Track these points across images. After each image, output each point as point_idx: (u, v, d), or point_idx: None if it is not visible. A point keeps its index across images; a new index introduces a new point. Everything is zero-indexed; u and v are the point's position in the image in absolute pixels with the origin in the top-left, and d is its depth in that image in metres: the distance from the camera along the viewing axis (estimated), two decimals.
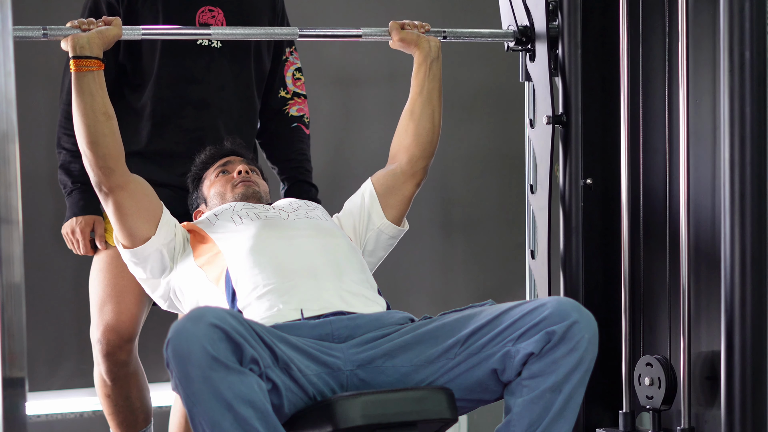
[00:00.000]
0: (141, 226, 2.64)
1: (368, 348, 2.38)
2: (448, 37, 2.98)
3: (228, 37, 2.90)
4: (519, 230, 3.50)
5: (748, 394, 2.49)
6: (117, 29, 2.69)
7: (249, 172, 2.88)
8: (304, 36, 2.93)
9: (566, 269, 2.95)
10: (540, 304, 2.32)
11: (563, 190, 2.96)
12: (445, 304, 4.29)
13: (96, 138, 2.59)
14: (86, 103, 2.60)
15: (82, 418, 3.91)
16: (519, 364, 2.30)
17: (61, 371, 3.91)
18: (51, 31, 2.67)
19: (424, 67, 2.88)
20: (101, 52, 2.65)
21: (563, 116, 2.95)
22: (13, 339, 1.73)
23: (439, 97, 2.89)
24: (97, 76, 2.61)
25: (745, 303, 2.49)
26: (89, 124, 2.59)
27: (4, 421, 1.72)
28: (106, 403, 3.13)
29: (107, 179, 2.61)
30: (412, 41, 2.89)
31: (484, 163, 4.41)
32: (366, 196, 2.84)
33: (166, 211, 2.70)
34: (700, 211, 2.69)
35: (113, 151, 2.61)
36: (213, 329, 2.10)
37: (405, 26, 2.91)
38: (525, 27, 3.02)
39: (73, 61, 2.62)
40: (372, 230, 2.82)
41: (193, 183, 2.96)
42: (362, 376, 2.35)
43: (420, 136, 2.86)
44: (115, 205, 2.62)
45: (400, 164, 2.86)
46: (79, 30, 2.66)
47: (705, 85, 2.68)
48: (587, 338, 2.29)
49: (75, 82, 2.61)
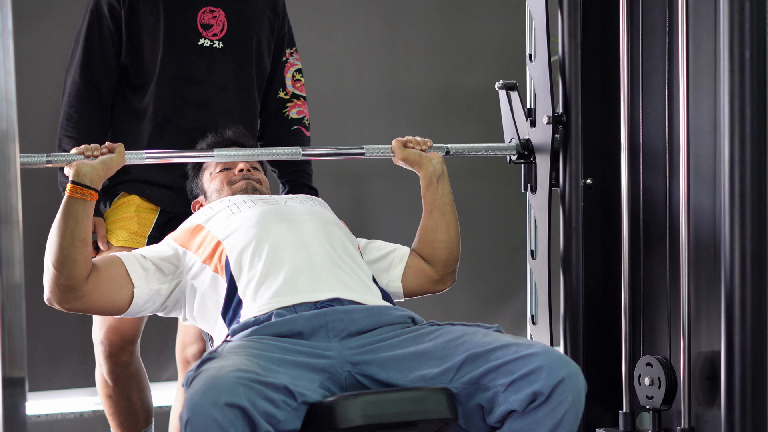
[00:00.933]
0: (117, 300, 2.61)
1: (364, 351, 2.37)
2: (451, 152, 2.97)
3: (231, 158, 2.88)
4: (519, 230, 3.50)
5: (748, 394, 2.49)
6: (120, 157, 2.68)
7: (250, 170, 2.88)
8: (308, 155, 2.94)
9: (566, 269, 2.95)
10: (532, 353, 2.30)
11: (563, 190, 2.96)
12: (445, 304, 4.28)
13: (66, 261, 2.55)
14: (68, 227, 2.56)
15: (82, 418, 3.92)
16: (502, 414, 2.30)
17: (61, 371, 3.91)
18: (55, 157, 2.66)
19: (431, 187, 2.86)
20: (100, 185, 2.64)
21: (563, 116, 2.95)
22: (13, 339, 1.73)
23: (452, 209, 2.88)
24: (88, 206, 2.59)
25: (745, 303, 2.49)
26: (65, 246, 2.55)
27: (4, 421, 1.72)
28: (108, 404, 3.14)
29: (63, 296, 2.57)
30: (415, 161, 2.87)
31: (484, 163, 4.41)
32: (398, 253, 2.83)
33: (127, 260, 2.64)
34: (700, 211, 2.69)
35: (80, 274, 2.56)
36: (230, 410, 2.11)
37: (407, 144, 2.89)
38: (527, 140, 3.03)
39: (70, 185, 2.59)
40: (384, 276, 2.81)
41: (193, 169, 2.96)
42: (360, 379, 2.35)
43: (438, 249, 2.85)
44: (78, 311, 2.61)
45: (429, 269, 2.86)
46: (83, 157, 2.64)
47: (705, 85, 2.68)
48: (570, 400, 2.27)
49: (64, 205, 2.58)
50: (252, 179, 2.86)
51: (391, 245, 2.86)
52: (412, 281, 2.83)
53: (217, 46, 3.03)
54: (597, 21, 2.97)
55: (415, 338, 2.42)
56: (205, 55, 3.03)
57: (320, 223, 2.68)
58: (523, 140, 3.04)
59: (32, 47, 3.67)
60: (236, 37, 3.07)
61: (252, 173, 2.88)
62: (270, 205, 2.72)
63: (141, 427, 3.15)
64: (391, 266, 2.82)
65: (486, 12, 4.34)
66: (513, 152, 3.05)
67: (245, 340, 2.38)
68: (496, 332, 2.42)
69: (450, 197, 2.89)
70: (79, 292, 2.56)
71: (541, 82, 3.00)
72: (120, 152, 2.68)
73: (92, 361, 3.16)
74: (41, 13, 3.78)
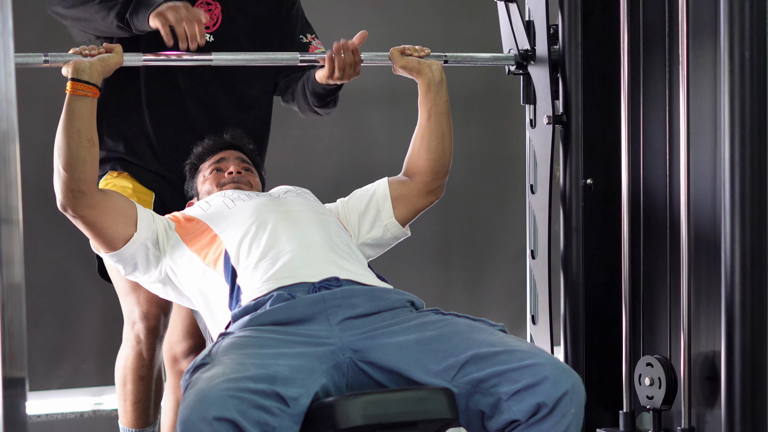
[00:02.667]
0: (119, 230, 2.64)
1: (366, 337, 2.37)
2: (449, 61, 2.98)
3: (229, 62, 2.87)
4: (519, 230, 3.50)
5: (748, 394, 2.49)
6: (118, 57, 2.69)
7: (242, 172, 2.88)
8: (306, 61, 2.92)
9: (566, 269, 2.95)
10: (537, 363, 2.29)
11: (563, 190, 2.96)
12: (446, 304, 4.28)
13: (76, 162, 2.59)
14: (75, 126, 2.59)
15: (82, 418, 3.92)
16: (504, 422, 2.29)
17: (61, 371, 3.91)
18: (52, 57, 2.66)
19: (429, 93, 2.88)
20: (100, 80, 2.65)
21: (563, 116, 2.95)
22: (13, 339, 1.73)
23: (448, 119, 2.89)
24: (90, 102, 2.61)
25: (745, 303, 2.49)
26: (72, 146, 2.59)
27: (4, 421, 1.72)
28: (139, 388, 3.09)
29: (77, 202, 2.60)
30: (414, 68, 2.89)
31: (484, 164, 4.41)
32: (379, 191, 2.85)
33: (140, 207, 2.69)
34: (700, 211, 2.69)
35: (90, 176, 2.61)
36: (220, 423, 2.12)
37: (405, 52, 2.90)
38: (526, 51, 3.03)
39: (70, 83, 2.61)
40: (379, 226, 2.83)
41: (189, 172, 2.96)
42: (362, 366, 2.35)
43: (432, 160, 2.87)
44: (86, 223, 2.63)
45: (415, 182, 2.88)
46: (80, 56, 2.66)
47: (705, 85, 2.68)
48: (573, 412, 2.28)
49: (68, 104, 2.60)
50: (242, 182, 2.87)
51: (369, 188, 2.87)
52: (403, 208, 2.85)
53: (208, 40, 3.01)
54: (597, 21, 2.97)
55: (419, 326, 2.42)
56: None
57: (315, 213, 2.70)
58: (522, 50, 3.04)
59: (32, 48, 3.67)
60: (228, 33, 3.03)
61: (243, 175, 2.88)
62: (264, 198, 2.74)
63: (152, 420, 3.14)
64: (379, 211, 2.83)
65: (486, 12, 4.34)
66: (512, 62, 3.05)
67: (242, 334, 2.38)
68: (501, 332, 2.42)
69: (447, 107, 2.90)
70: (90, 199, 2.60)
71: (541, 83, 3.00)
72: (118, 52, 2.70)
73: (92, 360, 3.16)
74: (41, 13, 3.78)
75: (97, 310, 3.87)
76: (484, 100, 4.43)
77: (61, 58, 2.66)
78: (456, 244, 4.40)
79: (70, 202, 2.61)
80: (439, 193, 2.91)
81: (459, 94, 4.30)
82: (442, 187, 2.91)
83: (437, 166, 2.87)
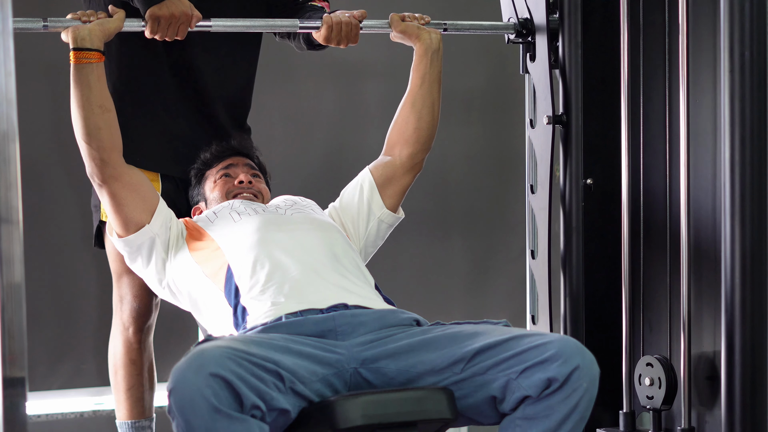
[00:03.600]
0: (136, 214, 2.65)
1: (373, 346, 2.38)
2: (449, 29, 2.99)
3: (228, 29, 2.86)
4: (519, 230, 3.50)
5: (748, 394, 2.49)
6: (118, 21, 2.69)
7: (251, 181, 2.88)
8: (305, 28, 2.92)
9: (566, 269, 2.95)
10: (547, 341, 2.31)
11: (563, 190, 2.96)
12: (446, 304, 4.29)
13: (91, 130, 2.61)
14: (84, 94, 2.61)
15: (82, 418, 3.92)
16: (516, 400, 2.30)
17: (61, 371, 3.91)
18: (51, 22, 2.66)
19: (425, 59, 2.89)
20: (102, 44, 2.64)
21: (563, 116, 2.95)
22: (13, 339, 1.73)
23: (439, 89, 2.91)
24: (96, 68, 2.62)
25: (745, 303, 2.49)
26: (86, 116, 2.61)
27: (4, 421, 1.72)
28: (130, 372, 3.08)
29: (100, 171, 2.63)
30: (413, 33, 2.90)
31: (484, 164, 4.41)
32: (365, 187, 2.85)
33: (163, 203, 2.70)
34: (700, 211, 2.69)
35: (108, 143, 2.62)
36: (214, 379, 2.11)
37: (405, 18, 2.92)
38: (525, 20, 3.03)
39: (72, 53, 2.62)
40: (373, 221, 2.84)
41: (196, 177, 2.95)
42: (365, 375, 2.35)
43: (420, 129, 2.87)
44: (109, 195, 2.64)
45: (399, 157, 2.88)
46: (80, 22, 2.66)
47: (705, 85, 2.68)
48: (585, 387, 2.29)
49: (73, 74, 2.61)
50: (252, 190, 2.86)
51: (355, 186, 2.87)
52: (391, 192, 2.87)
53: None
54: (597, 21, 2.97)
55: (424, 331, 2.43)
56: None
57: (321, 231, 2.68)
58: (521, 19, 3.04)
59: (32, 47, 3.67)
60: None
61: (253, 184, 2.88)
62: (270, 214, 2.72)
63: (148, 413, 3.14)
64: (370, 206, 2.85)
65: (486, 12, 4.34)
66: (511, 31, 3.06)
67: (251, 333, 2.38)
68: (505, 327, 2.42)
69: (440, 77, 2.91)
70: (114, 170, 2.62)
71: (541, 82, 3.00)
72: (119, 17, 2.69)
73: (92, 360, 3.16)
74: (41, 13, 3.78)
75: (97, 310, 3.87)
76: (485, 100, 4.43)
77: (60, 23, 2.66)
78: (456, 244, 4.40)
79: (94, 170, 2.63)
80: (420, 167, 2.92)
81: (459, 93, 4.31)
82: (423, 161, 2.92)
83: (425, 136, 2.88)
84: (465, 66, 4.33)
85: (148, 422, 3.14)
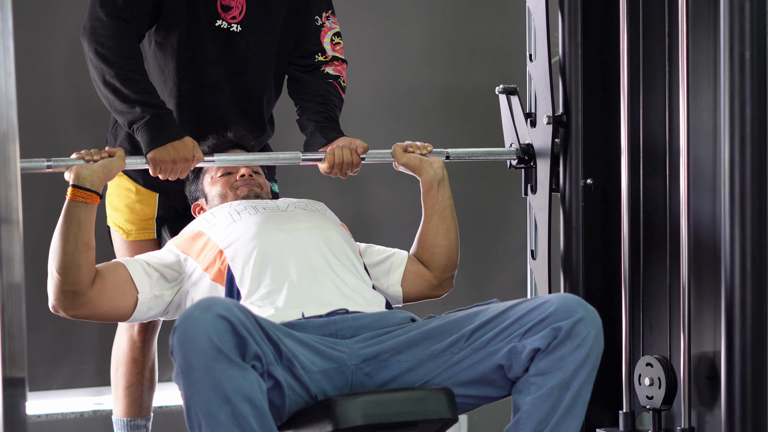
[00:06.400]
0: (122, 305, 2.62)
1: (373, 343, 2.39)
2: (451, 157, 2.99)
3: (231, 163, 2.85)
4: (519, 230, 3.50)
5: (748, 394, 2.49)
6: (120, 161, 2.68)
7: (252, 175, 2.88)
8: (307, 161, 2.91)
9: (566, 269, 2.95)
10: (545, 301, 2.34)
11: (563, 190, 2.96)
12: (446, 304, 4.27)
13: (70, 266, 2.55)
14: (71, 231, 2.56)
15: (82, 418, 3.92)
16: (526, 359, 2.32)
17: (61, 371, 3.91)
18: (55, 162, 2.65)
19: (432, 192, 2.88)
20: (101, 187, 2.63)
21: (563, 116, 2.95)
22: (13, 339, 1.73)
23: (452, 213, 2.90)
24: (90, 209, 2.58)
25: (745, 303, 2.49)
26: (68, 251, 2.55)
27: (4, 421, 1.72)
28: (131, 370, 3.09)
29: (68, 302, 2.57)
30: (416, 166, 2.89)
31: (484, 163, 4.41)
32: (397, 256, 2.85)
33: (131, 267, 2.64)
34: (700, 211, 2.69)
35: (85, 279, 2.56)
36: (220, 320, 2.10)
37: (408, 149, 2.90)
38: (527, 145, 3.03)
39: (71, 189, 2.59)
40: (383, 284, 2.82)
41: (193, 172, 2.95)
42: (367, 370, 2.36)
43: (439, 254, 2.87)
44: (84, 317, 2.61)
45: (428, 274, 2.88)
46: (83, 161, 2.64)
47: (705, 85, 2.68)
48: (593, 335, 2.32)
49: (66, 209, 2.58)
50: (253, 183, 2.86)
51: (390, 250, 2.87)
52: (412, 286, 2.85)
53: (235, 30, 2.97)
54: (597, 21, 2.97)
55: (420, 325, 2.45)
56: (220, 37, 2.97)
57: (321, 231, 2.68)
58: (523, 145, 3.05)
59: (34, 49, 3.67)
60: (256, 21, 2.99)
61: (254, 177, 2.88)
62: (271, 212, 2.72)
63: (145, 413, 3.14)
64: (390, 270, 2.83)
65: (486, 12, 4.34)
66: (513, 157, 3.06)
67: None
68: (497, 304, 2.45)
69: (450, 202, 2.90)
70: (84, 298, 2.56)
71: (541, 83, 3.00)
72: (120, 156, 2.68)
73: (92, 361, 3.16)
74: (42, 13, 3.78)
75: None
76: (485, 100, 4.43)
77: (63, 163, 2.65)
78: None
79: (61, 303, 2.57)
80: (448, 287, 2.93)
81: (460, 93, 4.31)
82: (452, 279, 2.92)
83: (445, 260, 2.88)
84: (466, 67, 4.33)
85: (144, 421, 3.14)
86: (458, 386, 2.37)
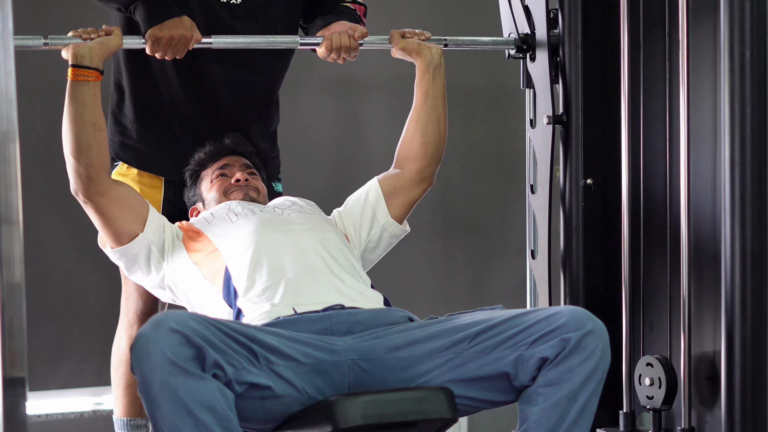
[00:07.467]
0: (127, 226, 2.65)
1: (371, 338, 2.38)
2: (449, 44, 2.99)
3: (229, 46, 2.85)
4: (519, 230, 3.50)
5: (749, 394, 2.49)
6: (118, 39, 2.69)
7: (248, 179, 2.88)
8: (305, 45, 2.92)
9: (567, 269, 2.95)
10: (555, 312, 2.34)
11: (563, 190, 2.96)
12: (446, 304, 4.28)
13: (82, 147, 2.60)
14: (77, 111, 2.60)
15: (82, 418, 3.92)
16: (533, 368, 2.32)
17: (61, 371, 3.91)
18: (52, 40, 2.67)
19: (427, 75, 2.88)
20: (101, 63, 2.65)
21: (563, 116, 2.95)
22: (13, 339, 1.73)
23: (444, 103, 2.90)
24: (93, 86, 2.62)
25: (745, 303, 2.49)
26: (77, 132, 2.60)
27: (4, 421, 1.72)
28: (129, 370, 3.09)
29: (86, 188, 2.62)
30: (414, 50, 2.89)
31: (484, 164, 4.41)
32: (371, 194, 2.85)
33: (153, 210, 2.70)
34: (700, 211, 2.69)
35: (96, 161, 2.61)
36: (173, 334, 2.11)
37: (405, 35, 2.91)
38: (526, 35, 3.03)
39: (71, 69, 2.62)
40: (376, 227, 2.83)
41: (191, 178, 2.95)
42: (364, 366, 2.35)
43: (427, 144, 2.87)
44: (96, 210, 2.64)
45: (408, 171, 2.88)
46: (80, 39, 2.66)
47: (705, 85, 2.68)
48: (601, 348, 2.32)
49: (70, 90, 2.61)
50: (249, 188, 2.86)
51: (361, 194, 2.86)
52: (398, 203, 2.85)
53: (235, 2, 2.98)
54: (597, 21, 2.97)
55: (421, 324, 2.45)
56: (225, 10, 2.95)
57: (318, 232, 2.68)
58: (522, 34, 3.04)
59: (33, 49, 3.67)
60: None
61: (249, 181, 2.88)
62: (268, 214, 2.72)
63: (145, 413, 3.13)
64: (375, 212, 2.83)
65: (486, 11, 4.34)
66: (512, 46, 3.05)
67: None
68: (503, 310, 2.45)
69: (444, 91, 2.90)
70: (99, 186, 2.61)
71: (541, 82, 3.00)
72: (117, 34, 2.70)
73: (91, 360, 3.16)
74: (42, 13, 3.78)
75: (97, 311, 3.87)
76: (485, 100, 4.43)
77: (60, 41, 2.66)
78: (456, 244, 4.40)
79: (79, 187, 2.62)
80: (431, 181, 2.91)
81: (460, 93, 4.31)
82: (434, 174, 2.91)
83: (432, 151, 2.87)
84: (466, 66, 4.33)
85: (145, 421, 3.14)
86: (459, 386, 2.36)
